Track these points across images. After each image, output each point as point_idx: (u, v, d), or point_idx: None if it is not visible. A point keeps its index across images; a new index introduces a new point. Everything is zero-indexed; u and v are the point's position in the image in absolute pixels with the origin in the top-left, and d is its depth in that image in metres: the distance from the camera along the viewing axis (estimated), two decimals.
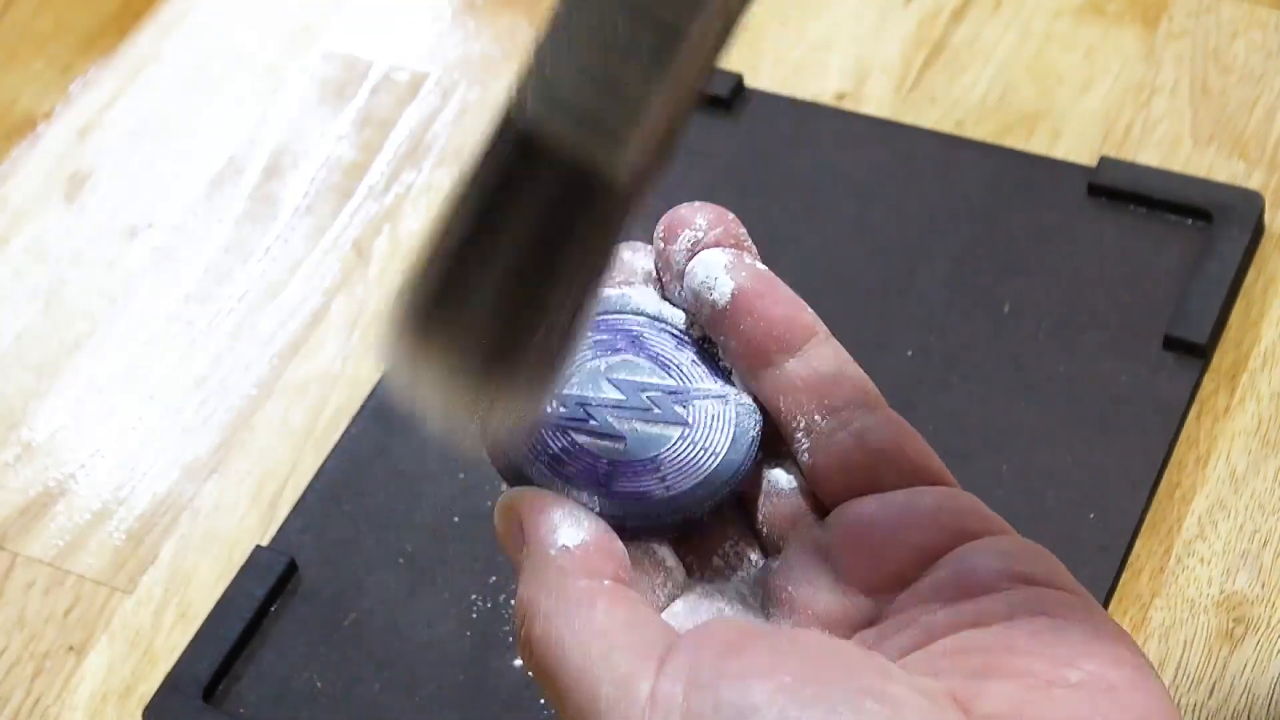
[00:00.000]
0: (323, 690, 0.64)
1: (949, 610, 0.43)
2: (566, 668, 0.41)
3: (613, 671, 0.41)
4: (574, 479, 0.46)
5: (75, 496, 0.72)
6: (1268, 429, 0.67)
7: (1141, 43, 0.79)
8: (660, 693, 0.40)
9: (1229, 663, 0.62)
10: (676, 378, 0.48)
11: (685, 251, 0.48)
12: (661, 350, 0.49)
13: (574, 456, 0.46)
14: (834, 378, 0.47)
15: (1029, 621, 0.42)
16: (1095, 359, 0.69)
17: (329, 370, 0.74)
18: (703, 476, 0.47)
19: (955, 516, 0.45)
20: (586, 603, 0.42)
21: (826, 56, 0.81)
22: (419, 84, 0.84)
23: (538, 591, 0.43)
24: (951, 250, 0.73)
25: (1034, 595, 0.43)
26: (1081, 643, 0.42)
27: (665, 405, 0.48)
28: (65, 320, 0.78)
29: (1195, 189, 0.73)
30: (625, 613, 0.42)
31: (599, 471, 0.46)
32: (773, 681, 0.39)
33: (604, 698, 0.40)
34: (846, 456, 0.47)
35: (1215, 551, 0.64)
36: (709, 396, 0.48)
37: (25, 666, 0.67)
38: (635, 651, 0.41)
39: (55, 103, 0.86)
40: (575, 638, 0.42)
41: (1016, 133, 0.77)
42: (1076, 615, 0.42)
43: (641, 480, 0.47)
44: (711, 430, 0.48)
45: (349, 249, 0.78)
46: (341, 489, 0.70)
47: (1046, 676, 0.41)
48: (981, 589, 0.43)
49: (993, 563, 0.44)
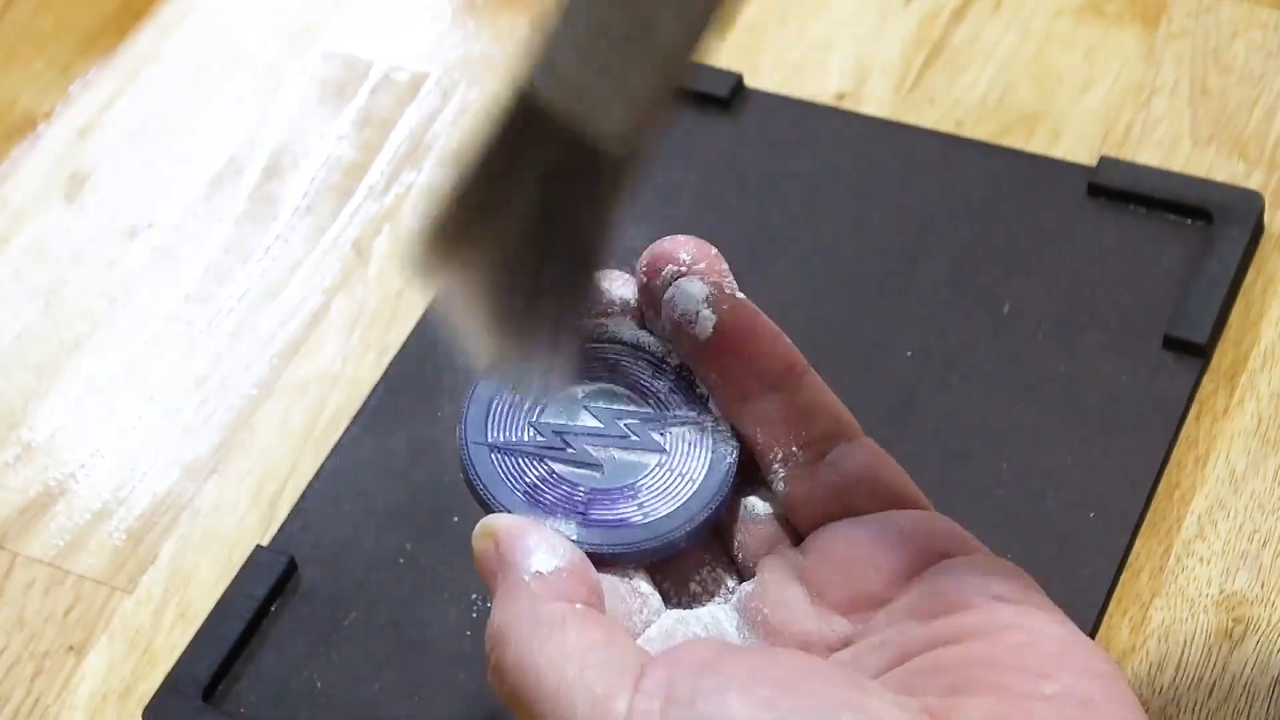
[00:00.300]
0: (323, 690, 0.64)
1: (923, 629, 0.43)
2: (540, 691, 0.41)
3: (588, 691, 0.41)
4: (551, 507, 0.46)
5: (75, 496, 0.72)
6: (1267, 429, 0.67)
7: (1141, 43, 0.79)
8: (637, 709, 0.40)
9: (1229, 663, 0.62)
10: (654, 405, 0.49)
11: (667, 286, 0.49)
12: (639, 378, 0.49)
13: (551, 485, 0.47)
14: (811, 410, 0.48)
15: (1002, 636, 0.42)
16: (1095, 359, 0.69)
17: (329, 370, 0.74)
18: (680, 503, 0.47)
19: (929, 538, 0.46)
20: (559, 626, 0.42)
21: (826, 56, 0.81)
22: (419, 84, 0.84)
23: (510, 617, 0.43)
24: (951, 250, 0.73)
25: (1006, 611, 0.43)
26: (1055, 656, 0.42)
27: (643, 433, 0.48)
28: (65, 320, 0.78)
29: (1195, 189, 0.73)
30: (598, 634, 0.42)
31: (576, 500, 0.47)
32: (751, 696, 0.39)
33: (580, 718, 0.40)
34: (821, 484, 0.47)
35: (1215, 551, 0.64)
36: (686, 423, 0.48)
37: (25, 666, 0.67)
38: (610, 670, 0.41)
39: (55, 103, 0.86)
40: (548, 660, 0.42)
41: (1016, 133, 0.77)
42: (1050, 629, 0.43)
43: (619, 508, 0.47)
44: (688, 457, 0.48)
45: (349, 249, 0.78)
46: (341, 489, 0.70)
47: (1022, 690, 0.41)
48: (955, 607, 0.43)
49: (966, 581, 0.44)
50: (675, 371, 0.49)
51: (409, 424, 0.71)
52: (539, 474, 0.47)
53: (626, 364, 0.49)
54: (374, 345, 0.75)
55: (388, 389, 0.72)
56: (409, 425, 0.71)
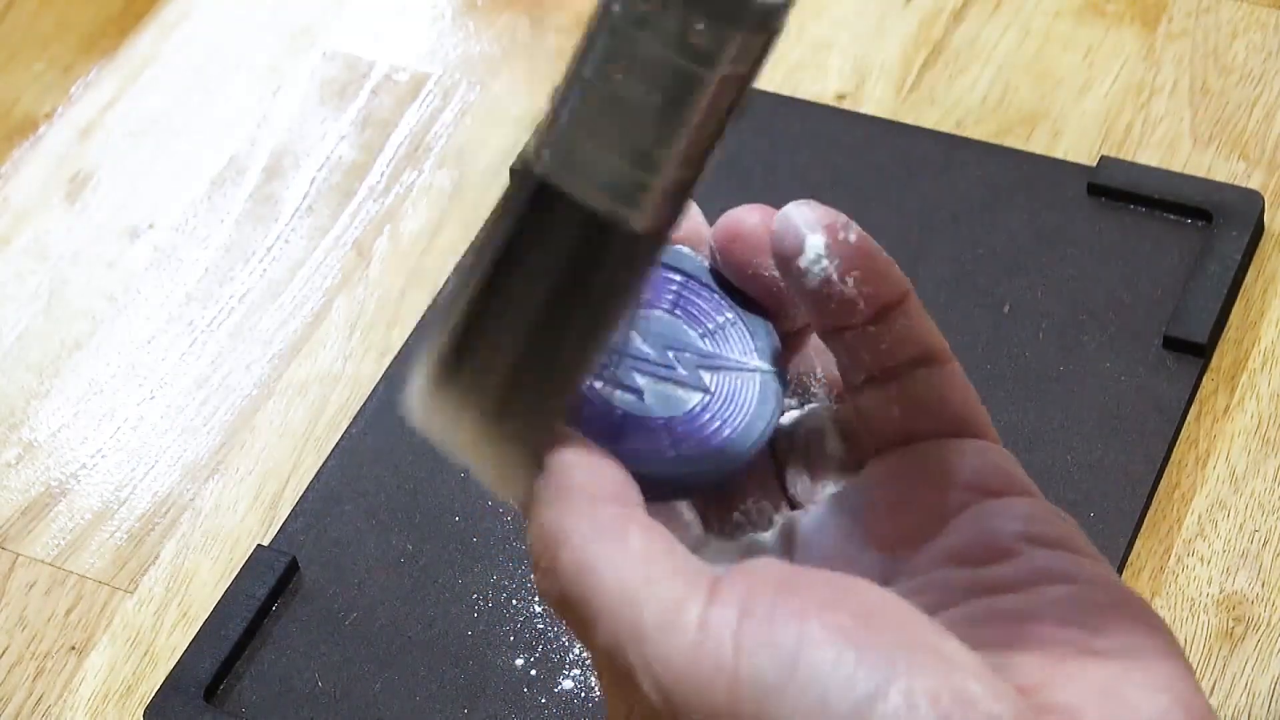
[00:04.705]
0: (323, 690, 0.64)
1: (966, 573, 0.42)
2: (602, 594, 0.40)
3: (657, 596, 0.39)
4: (588, 423, 0.45)
5: (76, 496, 0.72)
6: (1267, 429, 0.67)
7: (1141, 43, 0.79)
8: (712, 619, 0.39)
9: (1229, 662, 0.62)
10: (710, 343, 0.47)
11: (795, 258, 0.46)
12: (699, 313, 0.48)
13: (589, 401, 0.45)
14: (900, 341, 0.46)
15: (1049, 589, 0.42)
16: (1095, 359, 0.69)
17: (329, 370, 0.74)
18: (711, 449, 0.46)
19: (976, 474, 0.44)
20: (619, 531, 0.41)
21: (826, 56, 0.81)
22: (420, 84, 0.84)
23: (567, 517, 0.41)
24: (951, 250, 0.73)
25: (1052, 560, 0.42)
26: (1104, 610, 0.41)
27: (690, 368, 0.47)
28: (66, 320, 0.78)
29: (1195, 189, 0.73)
30: (661, 543, 0.41)
31: (612, 421, 0.45)
32: (830, 622, 0.38)
33: (648, 623, 0.39)
34: (886, 408, 0.46)
35: (1215, 551, 0.64)
36: (738, 369, 0.47)
37: (27, 666, 0.68)
38: (680, 579, 0.40)
39: (56, 103, 0.86)
40: (612, 565, 0.40)
41: (1016, 133, 0.77)
42: (1097, 582, 0.42)
43: (653, 439, 0.45)
44: (730, 404, 0.46)
45: (350, 249, 0.78)
46: (342, 489, 0.70)
47: (1074, 646, 0.40)
48: (999, 553, 0.42)
49: (1009, 525, 0.43)
50: (739, 311, 0.48)
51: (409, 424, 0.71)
52: None
53: (689, 296, 0.48)
54: (375, 345, 0.75)
55: (388, 389, 0.72)
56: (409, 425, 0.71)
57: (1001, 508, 0.44)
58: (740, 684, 0.38)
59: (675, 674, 0.39)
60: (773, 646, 0.38)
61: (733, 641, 0.38)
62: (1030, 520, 0.43)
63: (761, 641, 0.38)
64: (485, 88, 0.83)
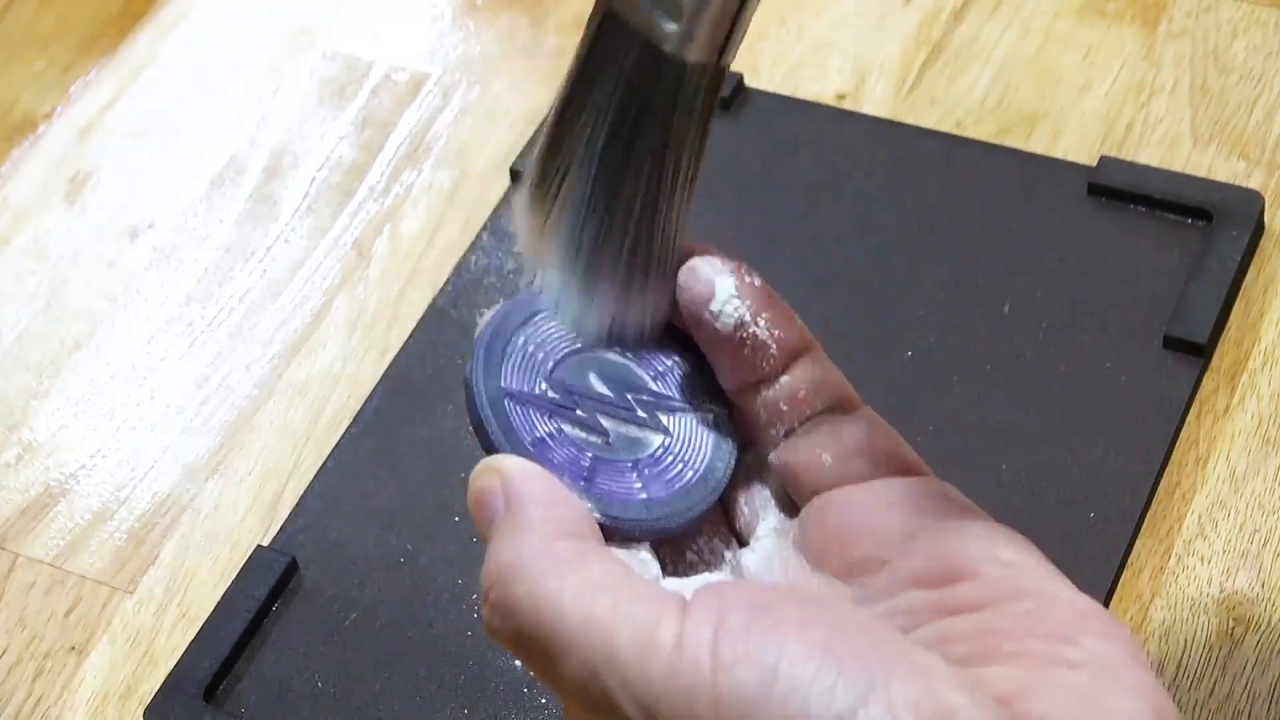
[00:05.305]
0: (323, 690, 0.64)
1: (930, 595, 0.43)
2: (568, 624, 0.40)
3: (630, 620, 0.40)
4: (559, 466, 0.45)
5: (76, 497, 0.72)
6: (1268, 428, 0.67)
7: (1141, 43, 0.79)
8: (688, 635, 0.39)
9: (1229, 663, 0.62)
10: (661, 385, 0.48)
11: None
12: (648, 354, 0.49)
13: (559, 443, 0.46)
14: (817, 388, 0.47)
15: (1014, 605, 0.42)
16: (1095, 359, 0.69)
17: (329, 370, 0.74)
18: (677, 491, 0.47)
19: (923, 501, 0.45)
20: (578, 561, 0.41)
21: (826, 56, 0.81)
22: (419, 84, 0.84)
23: (520, 552, 0.42)
24: (951, 250, 0.73)
25: (1013, 577, 0.43)
26: (1071, 622, 0.42)
27: (649, 411, 0.48)
28: (66, 320, 0.78)
29: (1195, 188, 0.73)
30: (621, 570, 0.42)
31: (582, 464, 0.46)
32: (807, 635, 0.39)
33: (623, 647, 0.39)
34: (818, 454, 0.47)
35: (1215, 551, 0.64)
36: (691, 410, 0.48)
37: (26, 667, 0.68)
38: (649, 601, 0.40)
39: (56, 103, 0.86)
40: (572, 595, 0.40)
41: (1016, 133, 0.77)
42: (1060, 596, 0.42)
43: (622, 481, 0.46)
44: (689, 447, 0.48)
45: (350, 249, 0.78)
46: (342, 489, 0.70)
47: (1046, 657, 0.41)
48: (960, 573, 0.43)
49: (968, 547, 0.44)
50: (686, 354, 0.49)
51: (409, 424, 0.71)
52: (549, 429, 0.46)
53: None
54: (374, 345, 0.75)
55: (388, 389, 0.72)
56: (409, 425, 0.71)
57: (956, 530, 0.44)
58: (721, 699, 0.38)
59: (656, 693, 0.39)
60: (751, 660, 0.38)
61: (711, 657, 0.39)
62: (988, 540, 0.44)
63: (740, 656, 0.39)
64: (485, 87, 0.83)
